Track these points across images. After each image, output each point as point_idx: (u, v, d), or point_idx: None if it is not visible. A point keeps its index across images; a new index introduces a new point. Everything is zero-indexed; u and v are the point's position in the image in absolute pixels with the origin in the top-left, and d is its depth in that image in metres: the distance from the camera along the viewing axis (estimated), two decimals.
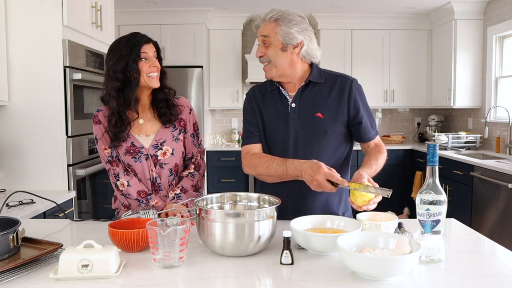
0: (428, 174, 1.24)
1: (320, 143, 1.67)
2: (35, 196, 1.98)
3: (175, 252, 1.20)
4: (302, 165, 1.52)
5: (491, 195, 3.63)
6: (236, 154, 5.15)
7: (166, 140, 1.81)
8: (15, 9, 2.46)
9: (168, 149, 1.81)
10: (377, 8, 5.06)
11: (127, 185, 1.77)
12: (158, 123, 1.82)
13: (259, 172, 1.68)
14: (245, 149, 1.75)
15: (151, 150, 1.79)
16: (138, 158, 1.78)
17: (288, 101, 1.71)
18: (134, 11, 5.00)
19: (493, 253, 1.38)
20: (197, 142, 1.91)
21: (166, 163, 1.81)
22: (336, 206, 1.73)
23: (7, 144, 2.51)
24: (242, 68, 5.46)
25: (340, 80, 1.71)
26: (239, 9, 5.13)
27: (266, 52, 1.65)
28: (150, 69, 1.73)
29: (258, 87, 1.81)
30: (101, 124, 1.79)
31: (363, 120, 1.71)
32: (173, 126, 1.83)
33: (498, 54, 4.64)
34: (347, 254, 1.10)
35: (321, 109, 1.67)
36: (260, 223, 1.27)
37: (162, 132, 1.81)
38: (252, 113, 1.76)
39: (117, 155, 1.80)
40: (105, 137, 1.79)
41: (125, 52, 1.70)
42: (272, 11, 1.64)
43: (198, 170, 1.89)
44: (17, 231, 1.25)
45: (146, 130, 1.81)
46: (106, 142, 1.80)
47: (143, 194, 1.78)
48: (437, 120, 5.55)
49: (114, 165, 1.79)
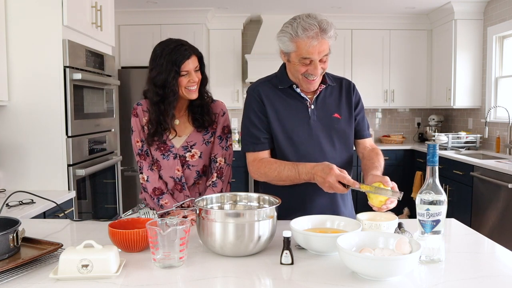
0: (428, 174, 1.24)
1: (340, 143, 1.71)
2: (35, 196, 1.98)
3: (175, 252, 1.20)
4: (314, 168, 1.52)
5: (491, 195, 3.63)
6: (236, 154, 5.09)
7: (197, 143, 1.84)
8: (15, 9, 2.46)
9: (196, 152, 1.84)
10: (377, 8, 5.06)
11: (146, 180, 1.83)
12: (191, 126, 1.85)
13: (269, 178, 1.67)
14: (251, 156, 1.71)
15: (180, 151, 1.83)
16: (167, 156, 1.83)
17: (307, 102, 1.70)
18: (134, 11, 5.00)
19: (493, 253, 1.38)
20: (224, 144, 1.88)
21: (193, 165, 1.85)
22: (341, 207, 1.74)
23: (7, 144, 2.51)
24: (242, 68, 5.47)
25: (345, 81, 1.79)
26: (239, 9, 5.13)
27: (324, 67, 1.62)
28: (189, 84, 1.75)
29: (264, 85, 1.74)
30: (138, 117, 1.84)
31: (363, 116, 1.80)
32: (206, 130, 1.86)
33: (498, 54, 4.63)
34: (347, 254, 1.10)
35: (337, 110, 1.72)
36: (260, 223, 1.27)
37: (194, 135, 1.85)
38: (262, 117, 1.69)
39: (147, 149, 1.85)
40: (139, 130, 1.84)
41: (165, 67, 1.71)
42: (327, 25, 1.55)
43: (221, 177, 1.86)
44: (17, 231, 1.25)
45: (179, 132, 1.84)
46: (139, 135, 1.85)
47: (158, 192, 1.82)
48: (437, 120, 5.55)
49: (141, 158, 1.85)
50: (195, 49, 1.78)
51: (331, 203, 1.72)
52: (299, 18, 1.57)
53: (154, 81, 1.74)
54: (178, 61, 1.70)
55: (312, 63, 1.58)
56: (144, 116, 1.83)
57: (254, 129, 1.70)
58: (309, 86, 1.65)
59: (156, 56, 1.74)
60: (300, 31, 1.53)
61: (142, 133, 1.84)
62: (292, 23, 1.57)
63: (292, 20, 1.59)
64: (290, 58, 1.62)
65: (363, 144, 1.80)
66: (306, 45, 1.54)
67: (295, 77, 1.67)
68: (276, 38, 1.63)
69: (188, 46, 1.75)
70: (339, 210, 1.73)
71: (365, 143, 1.81)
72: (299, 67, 1.60)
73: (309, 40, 1.53)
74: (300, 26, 1.54)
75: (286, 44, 1.59)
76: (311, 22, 1.54)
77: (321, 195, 1.67)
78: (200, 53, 1.80)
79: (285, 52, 1.63)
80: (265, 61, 5.01)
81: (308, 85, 1.65)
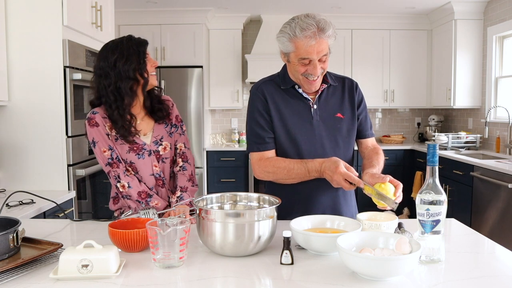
0: (428, 174, 1.24)
1: (344, 143, 1.72)
2: (35, 196, 1.98)
3: (175, 252, 1.20)
4: (323, 165, 1.55)
5: (491, 195, 3.63)
6: (236, 154, 5.15)
7: (163, 136, 1.88)
8: (15, 9, 2.46)
9: (167, 144, 1.88)
10: (377, 8, 5.06)
11: (127, 186, 1.76)
12: (151, 121, 1.88)
13: (278, 177, 1.66)
14: (256, 155, 1.70)
15: (152, 146, 1.85)
16: (141, 154, 1.82)
17: (309, 102, 1.70)
18: (134, 11, 5.00)
19: (493, 253, 1.38)
20: (181, 131, 1.94)
21: (167, 157, 1.88)
22: (343, 207, 1.74)
23: (7, 144, 2.51)
24: (242, 68, 5.46)
25: (347, 81, 1.78)
26: (239, 9, 5.13)
27: (323, 67, 1.62)
28: (152, 69, 1.80)
29: (268, 84, 1.73)
30: (99, 126, 1.76)
31: (366, 116, 1.79)
32: (165, 123, 1.90)
33: (498, 54, 4.63)
34: (347, 254, 1.10)
35: (340, 109, 1.72)
36: (260, 223, 1.27)
37: (158, 129, 1.88)
38: (266, 116, 1.69)
39: (117, 156, 1.78)
40: (104, 138, 1.77)
41: (132, 51, 1.75)
42: (325, 24, 1.54)
43: (187, 161, 1.93)
44: (17, 231, 1.25)
45: (143, 130, 1.84)
46: (105, 144, 1.76)
47: (144, 195, 1.78)
48: (437, 120, 5.55)
49: (114, 167, 1.77)
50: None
51: (333, 202, 1.72)
52: (298, 18, 1.57)
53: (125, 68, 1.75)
54: (143, 44, 1.82)
55: (311, 63, 1.58)
56: (105, 122, 1.77)
57: (259, 129, 1.69)
58: (310, 86, 1.65)
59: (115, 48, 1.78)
60: (298, 31, 1.53)
61: (109, 140, 1.77)
62: (290, 23, 1.57)
63: (291, 20, 1.58)
64: (290, 58, 1.62)
65: (365, 143, 1.81)
66: (304, 45, 1.53)
67: (296, 78, 1.67)
68: (275, 38, 1.63)
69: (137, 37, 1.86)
70: (341, 210, 1.73)
71: (367, 142, 1.80)
72: (299, 67, 1.60)
73: (307, 39, 1.53)
74: (298, 26, 1.53)
75: (285, 45, 1.59)
76: (309, 21, 1.53)
77: (323, 194, 1.69)
78: None
79: (285, 52, 1.63)
80: (265, 61, 5.02)
81: (309, 86, 1.65)
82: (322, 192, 1.68)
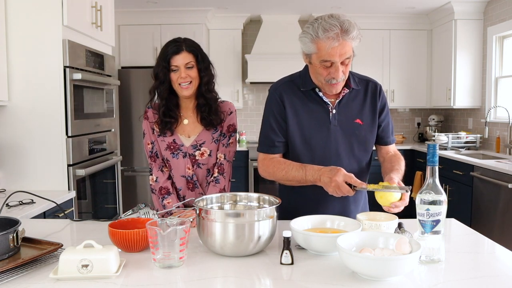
0: (428, 174, 1.24)
1: (360, 149, 1.67)
2: (35, 196, 1.98)
3: (175, 252, 1.20)
4: (322, 169, 1.51)
5: (491, 195, 3.63)
6: (236, 154, 5.10)
7: (206, 141, 1.88)
8: (15, 9, 2.46)
9: (206, 150, 1.87)
10: (377, 8, 5.06)
11: (155, 180, 1.88)
12: (200, 126, 1.88)
13: (277, 177, 1.67)
14: (262, 155, 1.72)
15: (189, 149, 1.87)
16: (176, 154, 1.86)
17: (329, 106, 1.65)
18: (134, 11, 5.00)
19: (493, 253, 1.38)
20: (226, 141, 1.90)
21: (203, 163, 1.89)
22: (353, 213, 1.69)
23: (7, 144, 2.51)
24: (242, 68, 5.46)
25: (371, 85, 1.71)
26: (239, 9, 5.12)
27: (345, 71, 1.56)
28: (179, 80, 1.79)
29: (286, 86, 1.69)
30: (149, 119, 1.90)
31: (389, 122, 1.74)
32: (215, 129, 1.89)
33: (498, 54, 4.63)
34: (347, 254, 1.10)
35: (359, 115, 1.66)
36: (260, 223, 1.27)
37: (203, 134, 1.88)
38: (280, 121, 1.66)
39: (156, 151, 1.89)
40: (150, 132, 1.89)
41: (158, 60, 1.81)
42: (349, 26, 1.48)
43: (222, 173, 1.89)
44: (17, 231, 1.25)
45: (189, 132, 1.88)
46: (150, 138, 1.89)
47: (164, 191, 1.85)
48: (437, 120, 5.55)
49: (152, 160, 1.90)
50: (191, 45, 1.80)
51: (343, 208, 1.69)
52: (321, 19, 1.51)
53: (153, 71, 1.84)
54: (165, 56, 1.78)
55: (333, 66, 1.52)
56: (154, 118, 1.88)
57: (270, 132, 1.69)
58: (331, 89, 1.59)
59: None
60: (320, 31, 1.47)
61: (152, 135, 1.89)
62: (313, 23, 1.51)
63: (314, 21, 1.53)
64: (312, 60, 1.56)
65: (386, 149, 1.76)
66: (327, 46, 1.47)
67: (318, 81, 1.61)
68: (298, 39, 1.58)
69: (181, 42, 1.80)
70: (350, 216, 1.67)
71: (388, 149, 1.76)
72: (321, 71, 1.55)
73: (329, 41, 1.46)
74: (321, 26, 1.48)
75: (307, 45, 1.54)
76: (332, 22, 1.47)
77: (333, 199, 1.62)
78: (196, 50, 1.81)
79: (307, 53, 1.57)
80: (265, 61, 5.02)
81: (331, 88, 1.59)
82: (332, 196, 1.58)
